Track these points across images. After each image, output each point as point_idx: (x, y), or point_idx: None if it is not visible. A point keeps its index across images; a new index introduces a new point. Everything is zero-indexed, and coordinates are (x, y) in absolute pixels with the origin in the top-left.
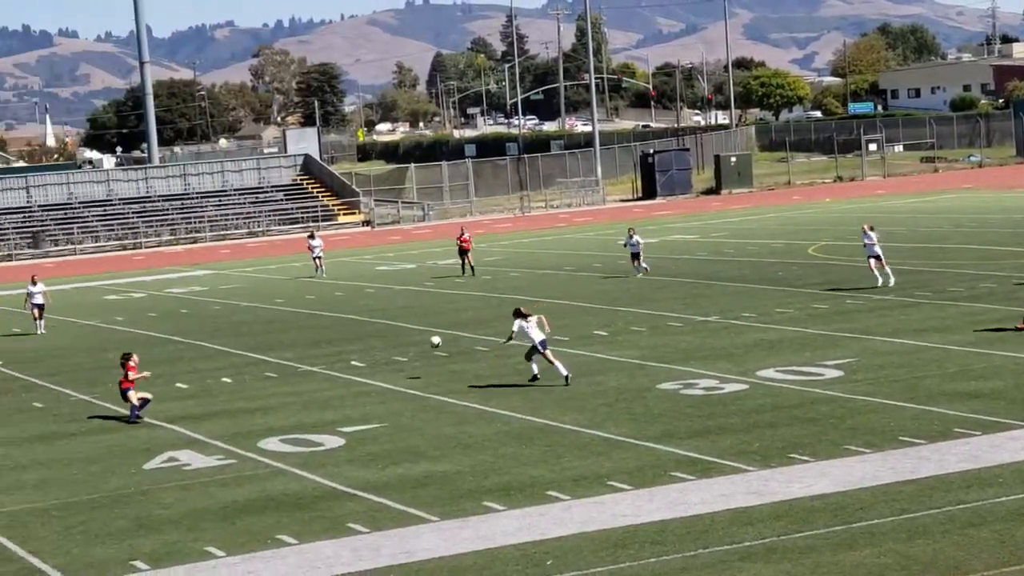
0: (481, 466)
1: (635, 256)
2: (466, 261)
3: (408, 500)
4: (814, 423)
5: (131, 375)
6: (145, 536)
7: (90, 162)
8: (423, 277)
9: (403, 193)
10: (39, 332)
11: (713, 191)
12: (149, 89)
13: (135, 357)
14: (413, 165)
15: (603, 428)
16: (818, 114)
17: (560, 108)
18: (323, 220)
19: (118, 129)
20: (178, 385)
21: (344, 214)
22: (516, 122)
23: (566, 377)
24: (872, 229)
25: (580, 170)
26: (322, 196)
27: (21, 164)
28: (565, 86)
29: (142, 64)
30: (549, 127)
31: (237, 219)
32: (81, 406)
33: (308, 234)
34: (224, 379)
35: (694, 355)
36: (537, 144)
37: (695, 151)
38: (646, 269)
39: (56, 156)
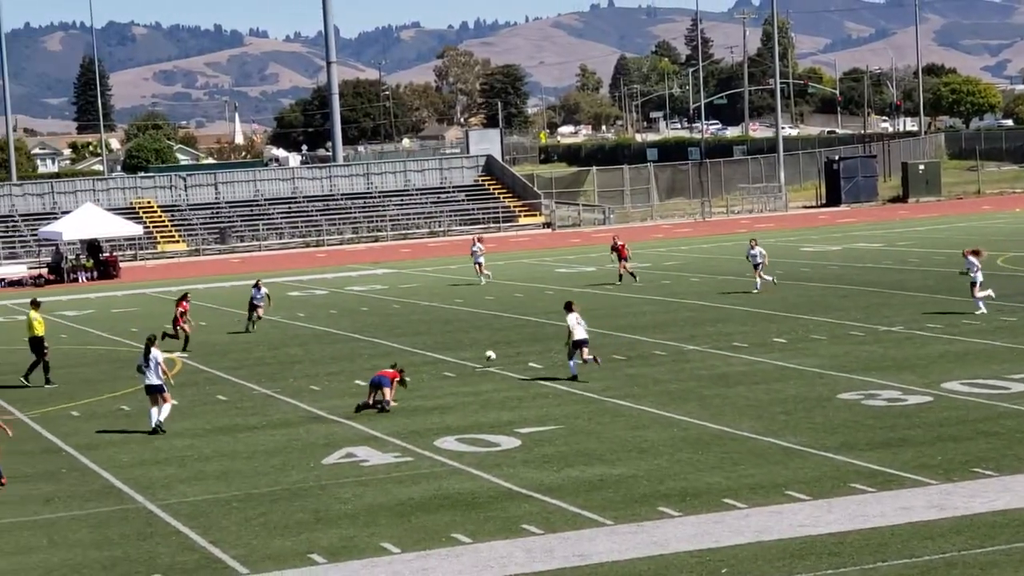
0: (657, 471)
1: (756, 268)
2: (622, 267)
3: (583, 503)
4: (999, 437)
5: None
6: (323, 530)
7: (276, 160)
8: (602, 280)
9: (584, 196)
10: (251, 331)
11: (900, 199)
12: (335, 89)
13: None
14: (595, 168)
15: (781, 436)
16: (1010, 122)
17: (744, 113)
18: (504, 221)
19: (304, 128)
20: (357, 382)
21: (525, 215)
22: (699, 126)
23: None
24: (976, 254)
25: (763, 176)
26: (503, 197)
27: (210, 161)
28: (749, 91)
29: (329, 64)
30: (732, 132)
31: (418, 219)
32: (263, 400)
33: (475, 237)
34: (404, 377)
35: (876, 365)
36: (719, 149)
37: (882, 158)
38: (772, 282)
39: (244, 154)
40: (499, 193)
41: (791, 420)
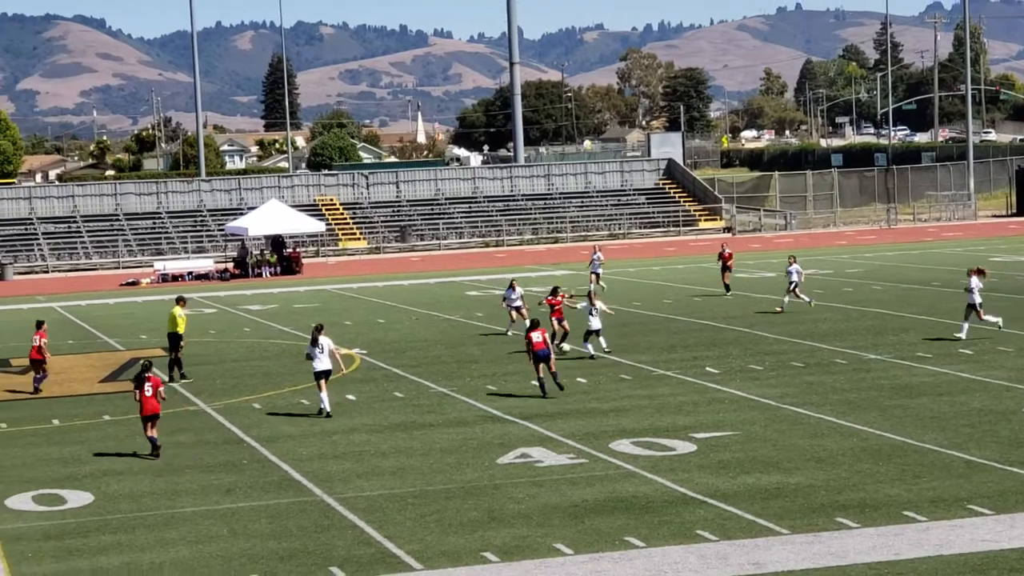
0: (835, 481)
1: (791, 286)
2: (725, 278)
3: (758, 511)
4: None
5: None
6: (496, 528)
7: (457, 159)
8: (782, 286)
9: (765, 201)
10: (508, 333)
11: None
12: (518, 90)
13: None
14: (777, 173)
15: (964, 449)
16: None
17: (933, 119)
18: (684, 225)
19: (486, 128)
20: (533, 383)
21: (705, 220)
22: (886, 132)
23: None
24: (979, 274)
25: (951, 183)
26: (683, 201)
27: (392, 159)
28: (939, 97)
29: (512, 65)
30: (920, 138)
31: (598, 220)
32: (439, 398)
33: (595, 246)
34: (579, 379)
35: None
36: (907, 155)
37: None
38: (809, 303)
39: (426, 153)
40: (679, 197)
41: (975, 433)
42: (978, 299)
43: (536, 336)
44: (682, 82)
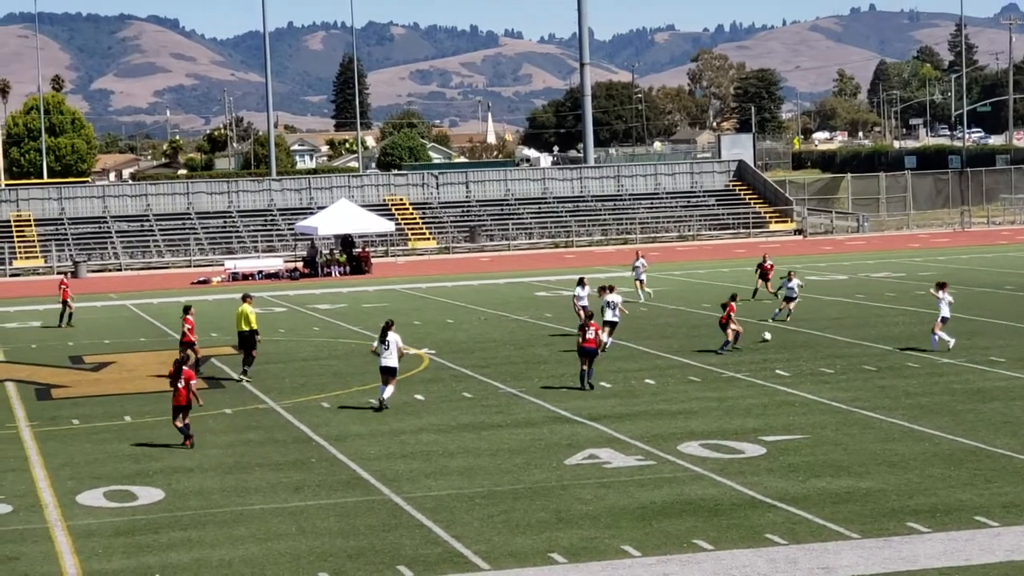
0: (906, 485)
1: (790, 300)
2: (767, 287)
3: (828, 515)
4: None
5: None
6: (564, 529)
7: (527, 160)
8: (854, 289)
9: (837, 203)
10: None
11: None
12: (588, 90)
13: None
14: (849, 175)
15: None
16: None
17: (1008, 121)
18: (754, 227)
19: (556, 129)
20: (602, 384)
21: (776, 222)
22: (960, 134)
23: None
24: (943, 288)
25: None
26: (754, 203)
27: (462, 160)
28: (1014, 99)
29: (582, 66)
30: (995, 140)
31: (668, 222)
32: (507, 399)
33: (637, 251)
34: (647, 380)
35: None
36: (981, 158)
37: None
38: (788, 311)
39: (496, 153)
40: (750, 198)
41: None
42: (946, 312)
43: (589, 332)
44: (753, 83)
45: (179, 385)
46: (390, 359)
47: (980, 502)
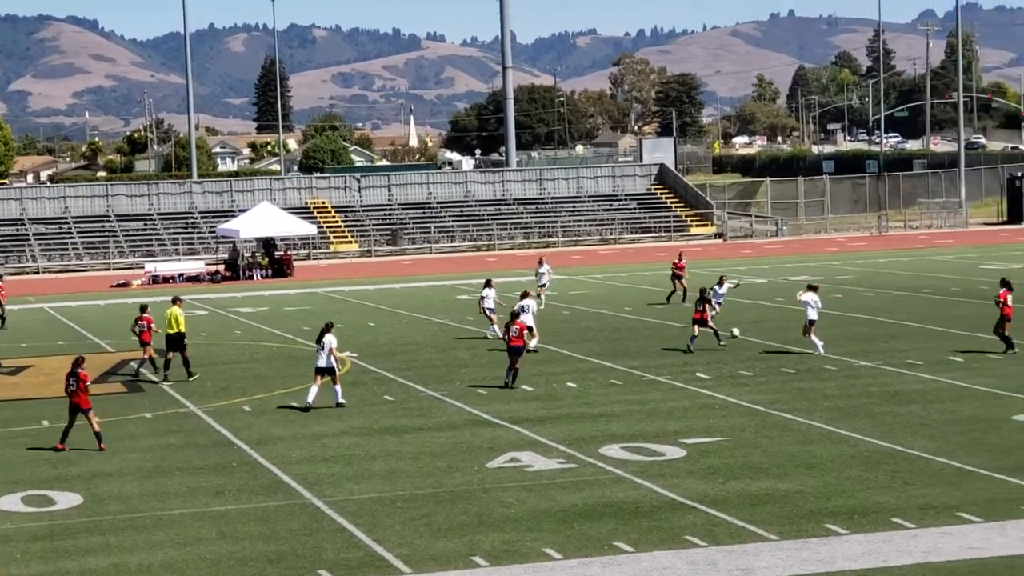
0: (824, 487)
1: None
2: (679, 285)
3: (747, 517)
4: None
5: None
6: (485, 532)
7: (449, 163)
8: (773, 292)
9: (757, 207)
10: (488, 335)
11: None
12: (510, 94)
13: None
14: (769, 179)
15: (954, 457)
16: None
17: (925, 126)
18: (675, 230)
19: (478, 132)
20: (523, 387)
21: (696, 225)
22: (878, 139)
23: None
24: (813, 290)
25: (943, 191)
26: (675, 206)
27: (384, 163)
28: (931, 104)
29: (505, 69)
30: (912, 145)
31: (590, 225)
32: (429, 402)
33: (541, 256)
34: (569, 383)
35: None
36: (899, 162)
37: None
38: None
39: (418, 156)
40: (671, 202)
41: (965, 440)
42: (813, 315)
43: (513, 331)
44: (674, 87)
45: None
46: (322, 359)
47: (897, 504)
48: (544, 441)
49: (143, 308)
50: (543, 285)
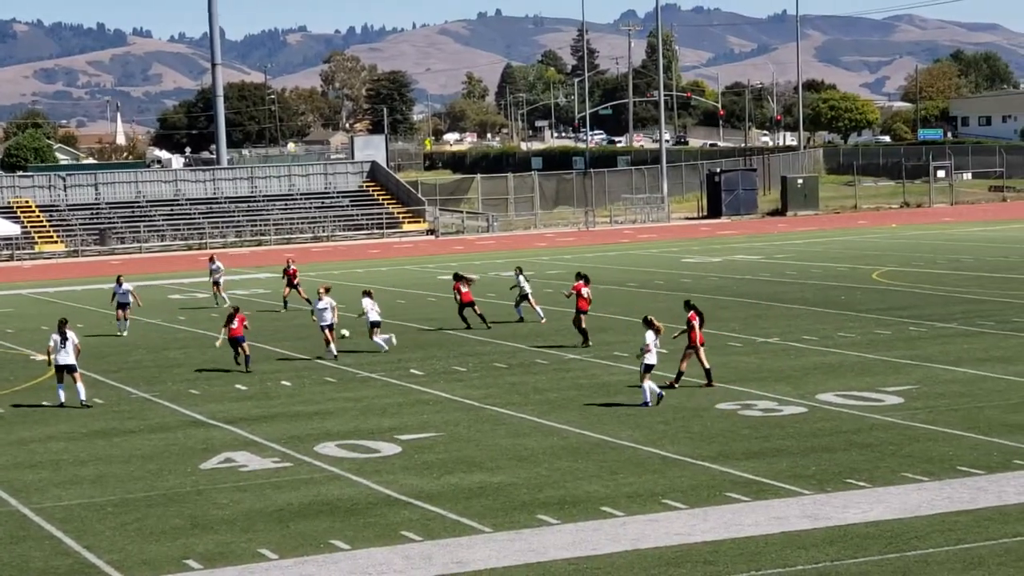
0: (536, 479)
1: (524, 298)
2: (295, 291)
3: (462, 510)
4: (872, 449)
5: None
6: (199, 535)
7: (159, 161)
8: (486, 288)
9: (468, 203)
10: (122, 333)
11: (779, 212)
12: (220, 91)
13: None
14: (479, 176)
15: (659, 446)
16: (887, 139)
17: (628, 124)
18: (387, 227)
19: (188, 130)
20: (237, 386)
21: (409, 222)
22: (583, 136)
23: (645, 402)
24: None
25: (646, 187)
26: (387, 203)
27: (91, 161)
28: (634, 102)
29: (214, 66)
30: (621, 143)
31: (303, 223)
32: (140, 403)
33: (212, 255)
34: (283, 382)
35: (753, 376)
36: (604, 159)
37: (762, 172)
38: (541, 319)
39: (126, 155)
40: (383, 199)
41: (670, 429)
42: (375, 317)
43: (234, 323)
44: (385, 85)
45: None
46: (68, 356)
47: (606, 493)
48: (259, 440)
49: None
50: (218, 283)
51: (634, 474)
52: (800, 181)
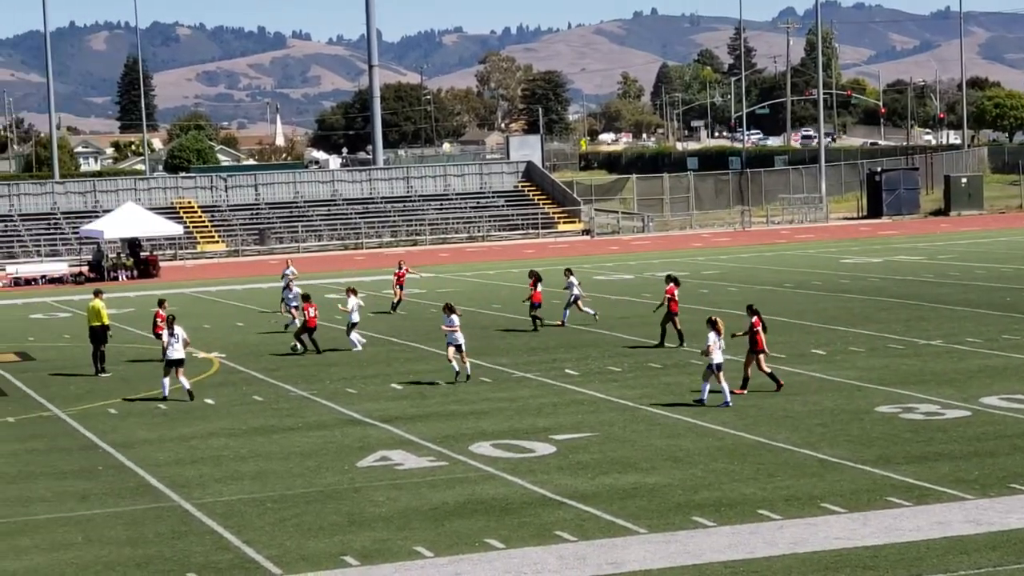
0: (691, 480)
1: (575, 300)
2: (399, 294)
3: (616, 511)
4: None
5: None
6: (356, 532)
7: (316, 162)
8: (640, 288)
9: (623, 203)
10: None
11: (941, 212)
12: (376, 92)
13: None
14: (634, 176)
15: (818, 449)
16: None
17: (786, 123)
18: (543, 228)
19: (345, 131)
20: (393, 386)
21: (564, 222)
22: (740, 136)
23: (726, 402)
24: (352, 292)
25: (804, 186)
26: (543, 203)
27: (251, 162)
28: (792, 101)
29: (371, 67)
30: (773, 142)
31: (458, 223)
32: (299, 402)
33: (287, 260)
34: (439, 382)
35: (915, 379)
36: (760, 159)
37: (924, 171)
38: (595, 316)
39: (284, 155)
40: (539, 199)
41: (828, 432)
42: (356, 319)
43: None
44: (540, 85)
45: None
46: (178, 351)
47: (763, 496)
48: (414, 440)
49: (160, 303)
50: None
51: (791, 477)
52: (964, 180)
